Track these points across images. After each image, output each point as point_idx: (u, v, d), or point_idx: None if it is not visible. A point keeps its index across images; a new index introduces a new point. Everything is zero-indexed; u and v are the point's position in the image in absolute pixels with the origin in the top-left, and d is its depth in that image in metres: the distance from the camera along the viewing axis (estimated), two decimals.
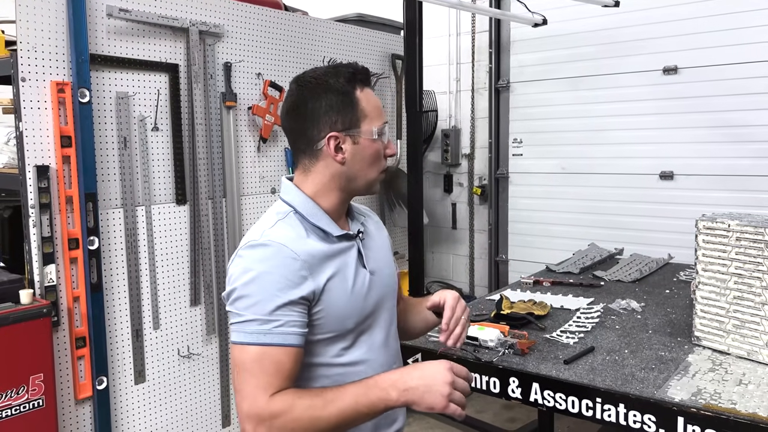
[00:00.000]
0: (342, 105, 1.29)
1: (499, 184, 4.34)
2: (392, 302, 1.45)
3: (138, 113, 2.78)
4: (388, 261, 1.46)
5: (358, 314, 1.31)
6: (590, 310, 2.32)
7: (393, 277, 1.46)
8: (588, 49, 3.86)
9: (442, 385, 1.17)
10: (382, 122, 1.34)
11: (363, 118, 1.30)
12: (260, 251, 1.23)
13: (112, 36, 2.67)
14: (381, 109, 1.35)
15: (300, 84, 1.33)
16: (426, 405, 1.18)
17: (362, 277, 1.33)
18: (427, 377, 1.18)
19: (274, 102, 3.26)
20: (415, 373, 1.19)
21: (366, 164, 1.32)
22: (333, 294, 1.26)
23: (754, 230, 1.74)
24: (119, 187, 2.72)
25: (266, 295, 1.18)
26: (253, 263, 1.21)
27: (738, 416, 1.43)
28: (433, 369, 1.20)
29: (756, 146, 3.35)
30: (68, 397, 2.56)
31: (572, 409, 1.66)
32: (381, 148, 1.34)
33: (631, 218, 3.77)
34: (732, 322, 1.82)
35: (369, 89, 1.34)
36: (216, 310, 3.11)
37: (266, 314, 1.18)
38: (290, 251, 1.22)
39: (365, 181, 1.34)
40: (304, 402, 1.16)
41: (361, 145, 1.31)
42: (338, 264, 1.29)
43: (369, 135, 1.31)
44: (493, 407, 3.72)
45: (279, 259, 1.21)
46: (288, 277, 1.20)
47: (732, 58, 3.37)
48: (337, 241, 1.31)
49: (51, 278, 2.46)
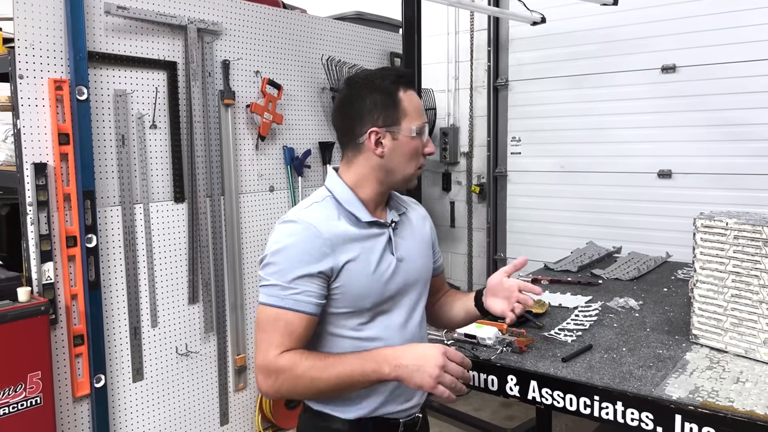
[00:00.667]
0: (385, 103, 1.40)
1: (498, 183, 4.35)
2: (420, 290, 1.53)
3: (136, 111, 2.77)
4: (423, 251, 1.55)
5: (376, 295, 1.40)
6: (588, 308, 2.32)
7: (425, 267, 1.55)
8: (586, 47, 3.86)
9: (432, 367, 1.27)
10: (422, 122, 1.43)
11: (403, 117, 1.41)
12: (290, 227, 1.36)
13: (110, 33, 2.66)
14: (421, 110, 1.45)
15: (349, 84, 1.46)
16: (414, 383, 1.29)
17: (387, 262, 1.43)
18: (420, 358, 1.28)
19: (272, 100, 3.26)
20: (409, 352, 1.30)
21: (404, 159, 1.43)
22: (353, 273, 1.36)
23: (752, 228, 1.74)
24: (117, 185, 2.72)
25: (288, 265, 1.32)
26: (283, 236, 1.35)
27: (735, 414, 1.43)
28: (426, 350, 1.30)
29: (754, 145, 3.35)
30: (66, 395, 2.56)
31: (570, 407, 1.66)
32: (419, 145, 1.43)
33: (630, 217, 3.77)
34: (730, 320, 1.82)
35: (412, 91, 1.44)
36: (214, 308, 3.11)
37: (286, 282, 1.31)
38: (316, 230, 1.35)
39: (402, 176, 1.45)
40: (307, 362, 1.30)
41: (400, 141, 1.41)
42: (363, 247, 1.40)
43: (408, 132, 1.41)
44: (491, 405, 3.72)
45: (304, 235, 1.34)
46: (309, 252, 1.32)
47: (730, 56, 3.38)
48: (367, 227, 1.42)
49: (49, 276, 2.46)
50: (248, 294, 3.30)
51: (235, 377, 3.24)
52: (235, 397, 3.27)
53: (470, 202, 4.52)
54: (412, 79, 1.47)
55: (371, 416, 1.43)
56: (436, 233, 1.68)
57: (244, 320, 3.27)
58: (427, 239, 1.59)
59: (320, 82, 3.63)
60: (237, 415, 3.28)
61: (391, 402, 1.44)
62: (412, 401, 1.49)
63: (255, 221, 3.33)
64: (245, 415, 3.33)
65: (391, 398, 1.44)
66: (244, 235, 3.27)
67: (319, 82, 3.62)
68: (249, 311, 3.30)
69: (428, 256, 1.58)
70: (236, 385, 3.25)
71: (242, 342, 3.26)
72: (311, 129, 3.62)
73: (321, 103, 3.66)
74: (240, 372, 3.26)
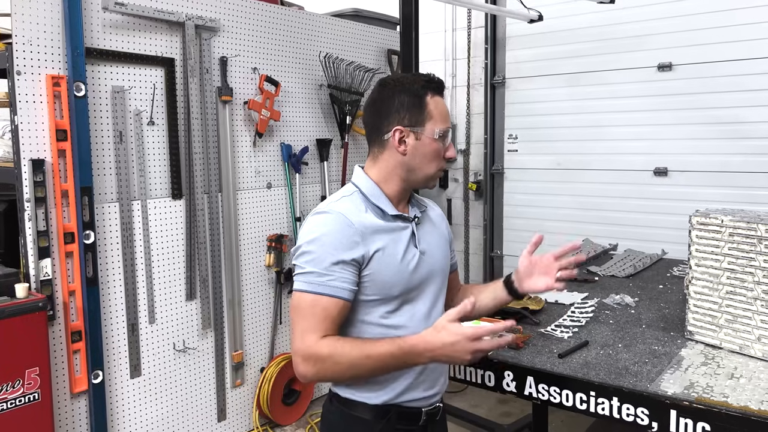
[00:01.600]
0: (411, 104, 1.48)
1: (495, 180, 4.35)
2: (440, 281, 1.60)
3: (134, 107, 2.77)
4: (441, 246, 1.62)
5: (403, 284, 1.47)
6: (584, 304, 2.33)
7: (444, 261, 1.62)
8: (583, 45, 3.87)
9: (464, 354, 1.32)
10: (446, 126, 1.50)
11: (428, 119, 1.48)
12: (323, 217, 1.43)
13: (108, 30, 2.66)
14: (447, 115, 1.52)
15: (382, 84, 1.53)
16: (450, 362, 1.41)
17: (412, 254, 1.49)
18: (452, 351, 1.32)
19: (270, 96, 3.26)
20: (445, 341, 1.32)
21: (426, 160, 1.49)
22: (381, 262, 1.43)
23: (747, 226, 1.75)
24: (115, 182, 2.72)
25: (324, 253, 1.38)
26: (316, 227, 1.42)
27: (730, 409, 1.45)
28: (460, 344, 1.32)
29: (749, 143, 3.36)
30: (64, 391, 2.57)
31: (566, 403, 1.67)
32: (440, 148, 1.50)
33: (626, 214, 3.78)
34: (724, 316, 1.84)
35: (440, 98, 1.51)
36: (212, 304, 3.11)
37: (323, 269, 1.38)
38: (347, 219, 1.42)
39: (423, 175, 1.51)
40: (345, 349, 1.35)
41: (422, 141, 1.48)
42: (390, 238, 1.46)
43: (431, 134, 1.48)
44: (488, 401, 3.74)
45: (337, 225, 1.41)
46: (342, 241, 1.39)
47: (726, 55, 3.39)
48: (392, 220, 1.49)
49: (46, 272, 2.46)
50: (246, 290, 3.30)
51: (232, 373, 3.25)
52: (233, 394, 3.27)
53: (467, 200, 4.53)
54: (441, 86, 1.52)
55: (395, 403, 1.48)
56: (451, 233, 1.75)
57: (241, 317, 3.27)
58: (446, 236, 1.67)
59: (318, 78, 3.63)
60: (234, 412, 3.29)
61: (415, 388, 1.50)
62: (434, 389, 1.55)
63: (252, 218, 3.33)
64: (243, 412, 3.34)
65: (416, 384, 1.50)
66: (242, 232, 3.28)
67: (316, 79, 3.62)
68: (246, 307, 3.31)
69: (446, 252, 1.65)
70: (234, 381, 3.26)
71: (240, 338, 3.26)
72: (309, 126, 3.62)
73: (318, 100, 3.66)
74: (237, 368, 3.26)
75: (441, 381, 1.58)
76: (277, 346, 3.49)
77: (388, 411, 1.48)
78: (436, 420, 1.59)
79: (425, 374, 1.50)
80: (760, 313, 1.75)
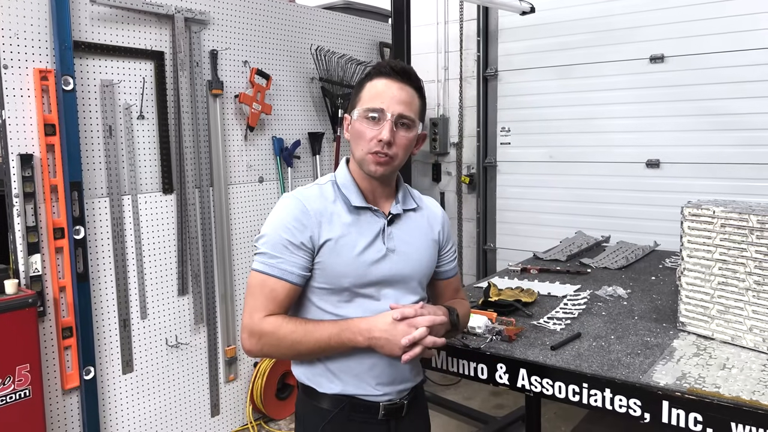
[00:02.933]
0: (355, 91, 1.49)
1: (487, 173, 4.35)
2: (411, 287, 1.52)
3: (123, 101, 2.75)
4: (422, 250, 1.55)
5: (356, 277, 1.44)
6: (577, 296, 2.34)
7: (422, 265, 1.54)
8: (575, 37, 3.86)
9: (401, 337, 1.35)
10: (371, 106, 1.42)
11: (359, 102, 1.46)
12: (282, 202, 1.46)
13: (96, 23, 2.64)
14: (381, 96, 1.43)
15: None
16: (386, 353, 1.38)
17: (376, 249, 1.46)
18: (389, 332, 1.37)
19: (261, 90, 3.24)
20: (381, 325, 1.38)
21: (355, 143, 1.46)
22: (333, 251, 1.42)
23: (739, 216, 1.75)
24: (105, 176, 2.69)
25: (275, 236, 1.41)
26: (275, 211, 1.45)
27: (721, 400, 1.45)
28: (393, 327, 1.37)
29: (741, 134, 3.37)
30: (55, 388, 2.55)
31: (559, 395, 1.67)
32: (364, 129, 1.43)
33: (618, 206, 3.79)
34: (716, 307, 1.84)
35: (386, 80, 1.44)
36: (204, 299, 3.10)
37: (274, 251, 1.40)
38: (303, 205, 1.42)
39: (357, 159, 1.47)
40: (288, 327, 1.39)
41: (353, 124, 1.47)
42: (353, 229, 1.44)
43: (356, 115, 1.45)
44: (480, 394, 3.75)
45: (292, 209, 1.42)
46: (294, 224, 1.40)
47: (718, 46, 3.39)
48: (359, 212, 1.47)
49: (36, 268, 2.44)
50: (238, 285, 3.29)
51: (225, 368, 3.24)
52: (226, 388, 3.27)
53: (460, 193, 4.52)
54: (392, 70, 1.44)
55: (348, 394, 1.46)
56: (450, 238, 1.65)
57: (234, 311, 3.26)
58: (430, 241, 1.58)
59: (309, 72, 3.61)
60: (228, 406, 3.28)
61: (366, 383, 1.47)
62: (391, 387, 1.49)
63: (244, 212, 3.31)
64: (236, 406, 3.33)
65: (366, 378, 1.46)
66: (234, 226, 3.26)
67: (308, 72, 3.60)
68: (239, 302, 3.30)
69: (427, 257, 1.56)
70: (227, 376, 3.25)
71: (233, 333, 3.25)
72: (300, 119, 3.60)
73: (310, 93, 3.64)
74: (230, 363, 3.25)
75: (401, 380, 1.51)
76: None
77: (342, 401, 1.46)
78: (401, 416, 1.52)
79: (378, 370, 1.46)
80: (752, 304, 1.76)
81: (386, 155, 1.42)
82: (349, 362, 1.45)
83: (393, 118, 1.41)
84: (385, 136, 1.40)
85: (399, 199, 1.54)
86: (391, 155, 1.43)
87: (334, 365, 1.46)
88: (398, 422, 1.52)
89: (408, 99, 1.44)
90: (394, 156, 1.44)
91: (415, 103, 1.46)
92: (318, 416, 1.48)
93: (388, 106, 1.41)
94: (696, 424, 1.47)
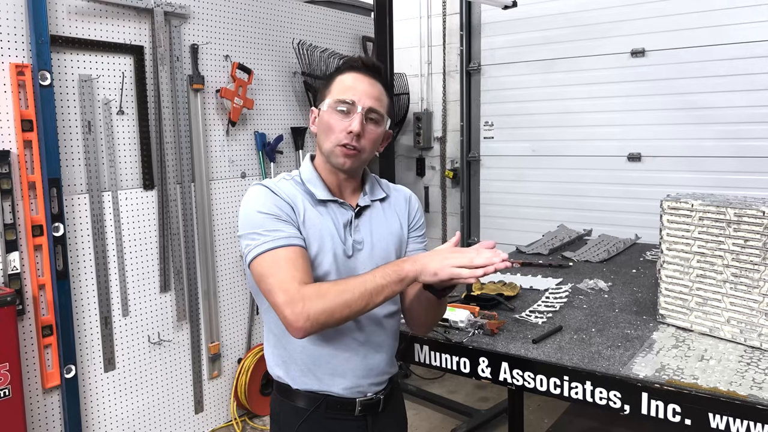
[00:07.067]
0: (324, 85, 1.49)
1: (471, 167, 4.36)
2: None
3: (102, 96, 2.71)
4: (389, 238, 1.53)
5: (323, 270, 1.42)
6: (559, 290, 2.35)
7: (388, 254, 1.51)
8: (557, 32, 3.88)
9: (447, 253, 1.29)
10: (341, 98, 1.42)
11: (328, 94, 1.45)
12: (252, 191, 1.44)
13: (74, 16, 2.60)
14: (352, 88, 1.43)
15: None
16: (431, 271, 1.27)
17: (342, 241, 1.45)
18: (437, 255, 1.30)
19: (242, 84, 3.22)
20: (432, 251, 1.34)
21: (323, 135, 1.45)
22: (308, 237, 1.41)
23: (716, 210, 1.77)
24: (84, 173, 2.66)
25: (261, 218, 1.38)
26: (249, 201, 1.42)
27: (699, 391, 1.47)
28: (439, 248, 1.34)
29: (719, 128, 3.41)
30: (35, 387, 2.52)
31: (540, 388, 1.68)
32: (333, 121, 1.42)
33: (600, 200, 3.82)
34: (695, 299, 1.86)
35: (357, 74, 1.44)
36: (186, 296, 3.08)
37: (266, 230, 1.36)
38: (273, 192, 1.42)
39: (325, 151, 1.46)
40: (328, 283, 1.34)
41: (321, 117, 1.46)
42: (316, 221, 1.43)
43: (325, 107, 1.44)
44: (465, 387, 3.77)
45: (264, 194, 1.41)
46: (274, 202, 1.39)
47: (698, 40, 3.42)
48: (326, 205, 1.46)
49: (15, 266, 2.41)
50: (221, 281, 3.27)
51: (209, 365, 3.23)
52: (210, 385, 3.25)
53: (444, 187, 4.53)
54: (363, 65, 1.46)
55: (325, 392, 1.45)
56: (420, 219, 1.61)
57: (217, 308, 3.25)
58: (399, 228, 1.55)
59: (291, 66, 3.59)
60: (212, 403, 3.27)
61: (342, 375, 1.45)
62: (369, 379, 1.48)
63: (227, 208, 3.29)
64: (220, 403, 3.32)
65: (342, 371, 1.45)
66: (216, 222, 3.24)
67: (290, 67, 3.58)
68: (222, 298, 3.28)
69: (397, 245, 1.54)
70: (210, 372, 3.24)
71: (216, 330, 3.24)
72: (283, 114, 3.58)
73: (293, 88, 3.62)
74: (214, 360, 3.24)
75: (377, 372, 1.50)
76: (254, 337, 3.47)
77: (318, 399, 1.45)
78: (378, 411, 1.51)
79: (353, 363, 1.45)
80: (729, 296, 1.78)
81: (354, 148, 1.42)
82: (324, 355, 1.43)
83: (363, 111, 1.41)
84: (355, 127, 1.40)
85: (366, 191, 1.53)
86: (360, 148, 1.42)
87: (310, 359, 1.44)
88: (375, 417, 1.52)
89: (378, 95, 1.45)
90: (362, 149, 1.43)
91: (384, 99, 1.46)
92: (294, 415, 1.47)
93: (359, 99, 1.42)
94: (674, 415, 1.49)
